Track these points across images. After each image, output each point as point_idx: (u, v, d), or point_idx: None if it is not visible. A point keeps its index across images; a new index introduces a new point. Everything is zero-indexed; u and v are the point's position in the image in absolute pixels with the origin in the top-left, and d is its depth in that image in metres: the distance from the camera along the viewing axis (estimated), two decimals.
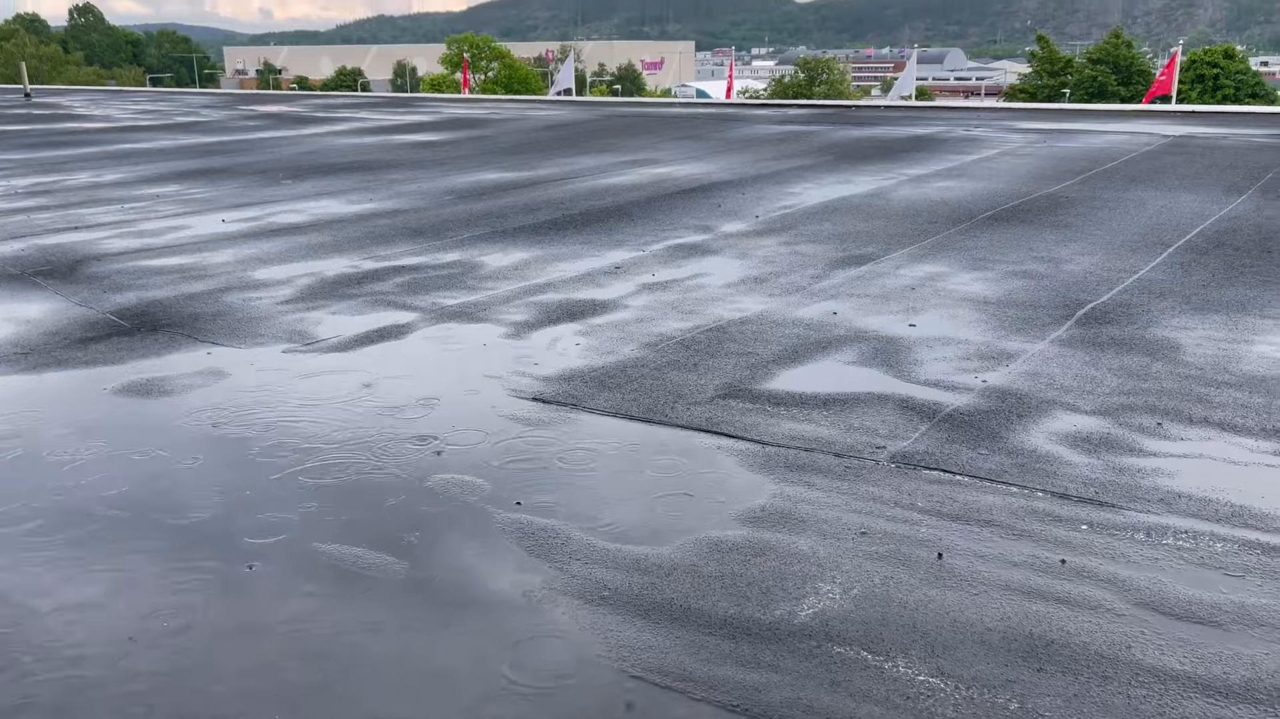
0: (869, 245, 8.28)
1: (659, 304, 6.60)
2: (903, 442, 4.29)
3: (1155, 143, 14.86)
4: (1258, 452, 4.13)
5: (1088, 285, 6.84)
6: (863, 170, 12.71)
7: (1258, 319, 5.97)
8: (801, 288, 6.95)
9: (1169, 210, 9.46)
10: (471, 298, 6.81)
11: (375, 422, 4.61)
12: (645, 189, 11.50)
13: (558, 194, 11.26)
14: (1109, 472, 3.96)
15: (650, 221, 9.52)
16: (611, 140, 17.19)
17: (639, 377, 5.17)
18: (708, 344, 5.70)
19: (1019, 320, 6.07)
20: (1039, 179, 11.59)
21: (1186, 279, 6.94)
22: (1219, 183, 10.97)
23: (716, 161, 13.92)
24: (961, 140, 15.95)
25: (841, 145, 15.66)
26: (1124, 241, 8.19)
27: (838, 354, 5.52)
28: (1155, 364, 5.21)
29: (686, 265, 7.71)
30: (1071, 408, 4.64)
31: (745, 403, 4.78)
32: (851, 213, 9.78)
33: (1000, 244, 8.22)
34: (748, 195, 10.95)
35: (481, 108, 27.06)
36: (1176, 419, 4.48)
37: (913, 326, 6.00)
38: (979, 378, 5.06)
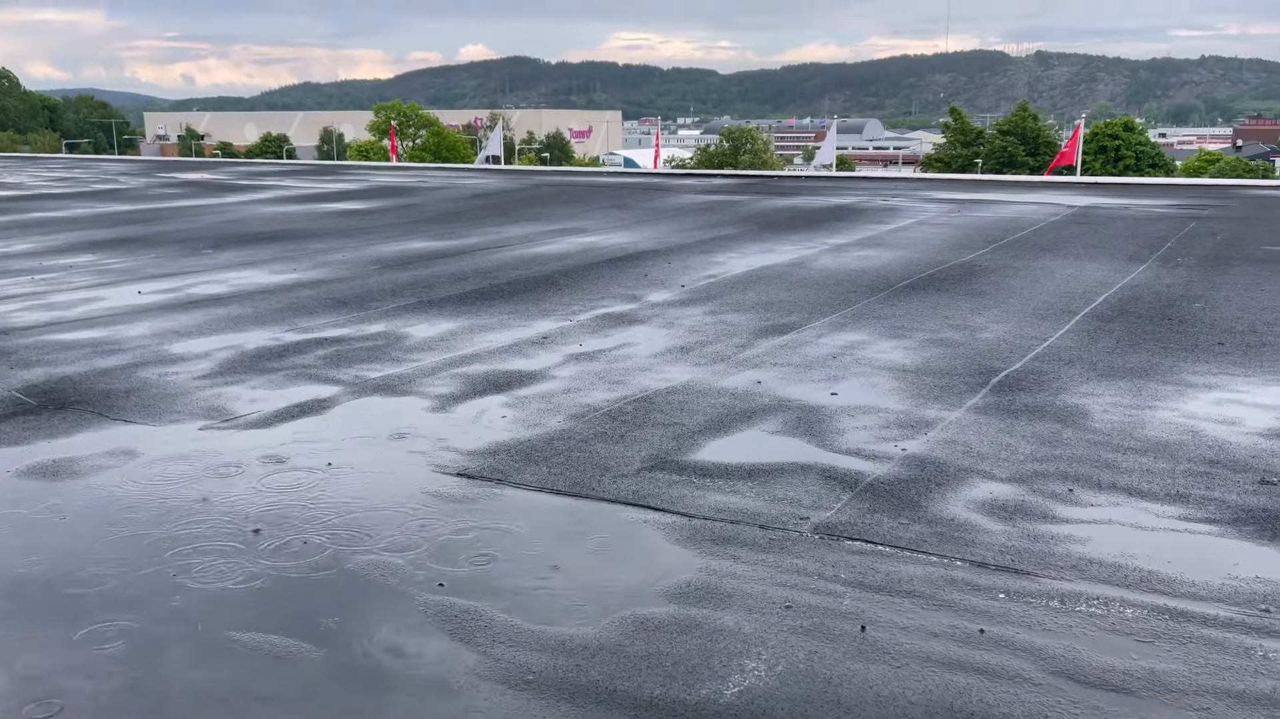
0: (792, 314, 8.45)
1: (586, 374, 6.63)
2: (826, 512, 4.35)
3: (1062, 213, 15.53)
4: (1163, 516, 4.28)
5: (1001, 353, 7.07)
6: (785, 239, 13.01)
7: (1159, 385, 6.23)
8: (727, 357, 7.05)
9: (1075, 279, 9.86)
10: (396, 370, 6.75)
11: (292, 501, 4.51)
12: (573, 258, 11.60)
13: (485, 263, 11.28)
14: (1024, 539, 4.06)
15: (578, 291, 9.58)
16: (540, 209, 17.34)
17: (566, 449, 5.16)
18: (635, 415, 5.73)
19: (936, 388, 6.23)
20: (953, 248, 12.00)
21: (1093, 346, 7.22)
22: (1121, 252, 11.49)
23: (644, 231, 14.12)
24: (880, 210, 16.47)
25: (765, 215, 16.03)
26: (1034, 309, 8.50)
27: (762, 423, 5.59)
28: (1066, 430, 5.39)
29: (614, 335, 7.76)
30: (988, 475, 4.76)
31: (672, 475, 4.80)
32: (775, 282, 9.98)
33: (917, 312, 8.46)
34: (674, 264, 11.12)
35: (409, 176, 27.09)
36: (1087, 485, 4.62)
37: (834, 395, 6.11)
38: (899, 446, 5.17)
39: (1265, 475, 4.69)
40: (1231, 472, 4.76)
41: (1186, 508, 4.36)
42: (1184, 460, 4.91)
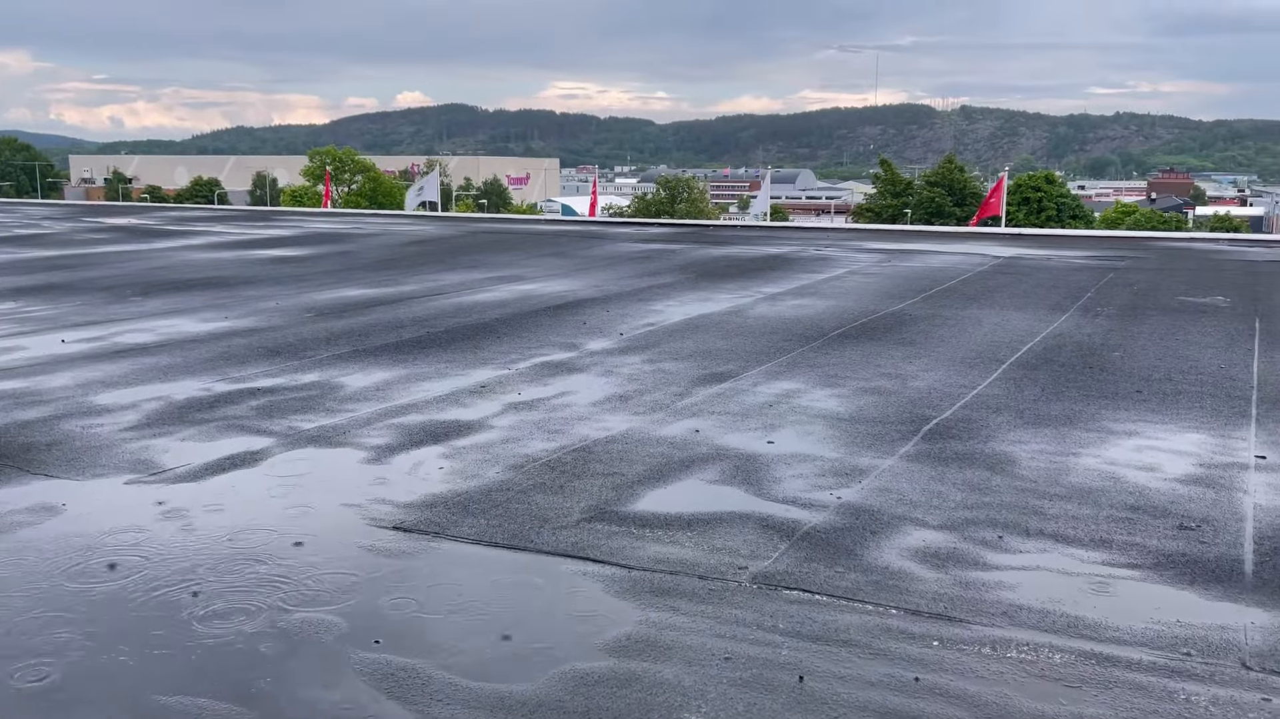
0: (729, 362, 8.55)
1: (525, 424, 6.61)
2: (764, 561, 4.39)
3: (987, 263, 16.02)
4: (1088, 562, 4.41)
5: (932, 401, 7.24)
6: (722, 288, 13.19)
7: (1083, 432, 6.44)
8: (665, 405, 7.10)
9: (1002, 328, 10.16)
10: (330, 421, 6.66)
11: (223, 556, 4.40)
12: (511, 306, 11.61)
13: (422, 311, 11.22)
14: (956, 586, 4.15)
15: (516, 339, 9.58)
16: (477, 256, 17.33)
17: (504, 501, 5.14)
18: (574, 465, 5.73)
19: (870, 436, 6.35)
20: (885, 297, 12.29)
21: (1019, 394, 7.43)
22: (1044, 302, 11.89)
23: (582, 278, 14.20)
24: (813, 259, 16.81)
25: (702, 263, 16.24)
26: (963, 358, 8.73)
27: (701, 473, 5.63)
28: (995, 478, 5.53)
29: (553, 383, 7.77)
30: (920, 523, 4.85)
31: (611, 525, 4.80)
32: (712, 330, 10.10)
33: (851, 361, 8.63)
34: (613, 312, 11.19)
35: (344, 222, 26.88)
36: (1015, 532, 4.74)
37: (771, 443, 6.19)
38: (834, 494, 5.25)
39: (1183, 521, 4.87)
40: (1152, 517, 4.93)
41: (1110, 553, 4.49)
42: (1107, 506, 5.07)
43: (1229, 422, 6.66)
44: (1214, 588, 4.13)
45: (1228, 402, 7.18)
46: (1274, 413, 6.87)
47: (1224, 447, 6.10)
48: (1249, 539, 4.63)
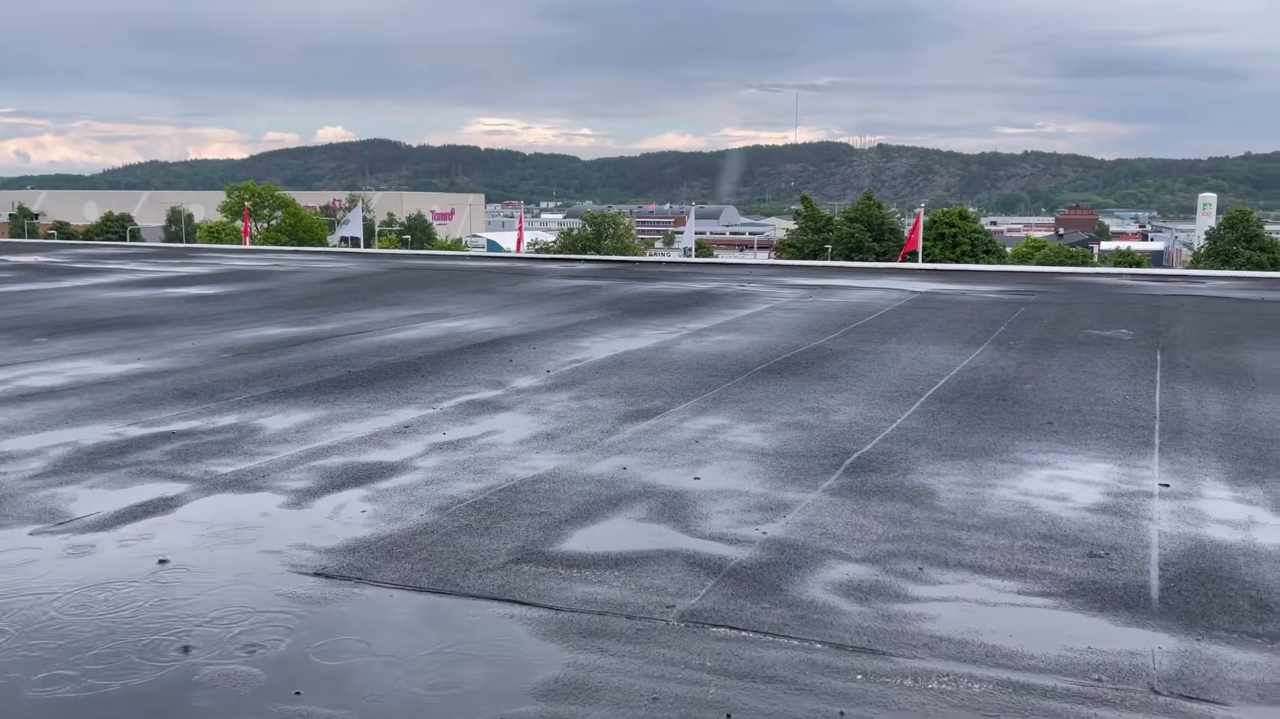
0: (655, 399, 8.60)
1: (450, 464, 6.55)
2: (691, 599, 4.41)
3: (905, 298, 16.44)
4: (1004, 591, 4.53)
5: (853, 434, 7.38)
6: (647, 324, 13.28)
7: (998, 464, 6.63)
8: (592, 443, 7.10)
9: (920, 362, 10.43)
10: (249, 464, 6.50)
11: (136, 608, 4.26)
12: (436, 344, 11.51)
13: (344, 350, 11.06)
14: (879, 619, 4.22)
15: (441, 378, 9.50)
16: (401, 293, 17.16)
17: (429, 544, 5.07)
18: (500, 505, 5.69)
19: (794, 470, 6.44)
20: (807, 332, 12.52)
21: (937, 427, 7.63)
22: (960, 336, 12.24)
23: (508, 315, 14.16)
24: (737, 295, 17.04)
25: (627, 300, 16.34)
26: (883, 392, 8.92)
27: (628, 511, 5.64)
28: (915, 510, 5.66)
29: (478, 423, 7.72)
30: (844, 556, 4.93)
31: (538, 567, 4.78)
32: (638, 366, 10.16)
33: (775, 396, 8.76)
34: (539, 349, 11.17)
35: (264, 259, 26.38)
36: (935, 563, 4.85)
37: (698, 480, 6.23)
38: (760, 530, 5.31)
39: (1093, 549, 5.04)
40: (1063, 546, 5.09)
41: (1025, 582, 4.62)
42: (1021, 536, 5.23)
43: (1134, 451, 6.93)
44: (1123, 614, 4.28)
45: (1132, 432, 7.48)
46: (1176, 442, 7.18)
47: (1130, 476, 6.35)
48: (1155, 566, 4.82)
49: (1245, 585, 4.58)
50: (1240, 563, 4.85)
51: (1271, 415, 8.00)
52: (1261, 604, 4.37)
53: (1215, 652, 3.92)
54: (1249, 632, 4.10)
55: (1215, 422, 7.79)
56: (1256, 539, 5.19)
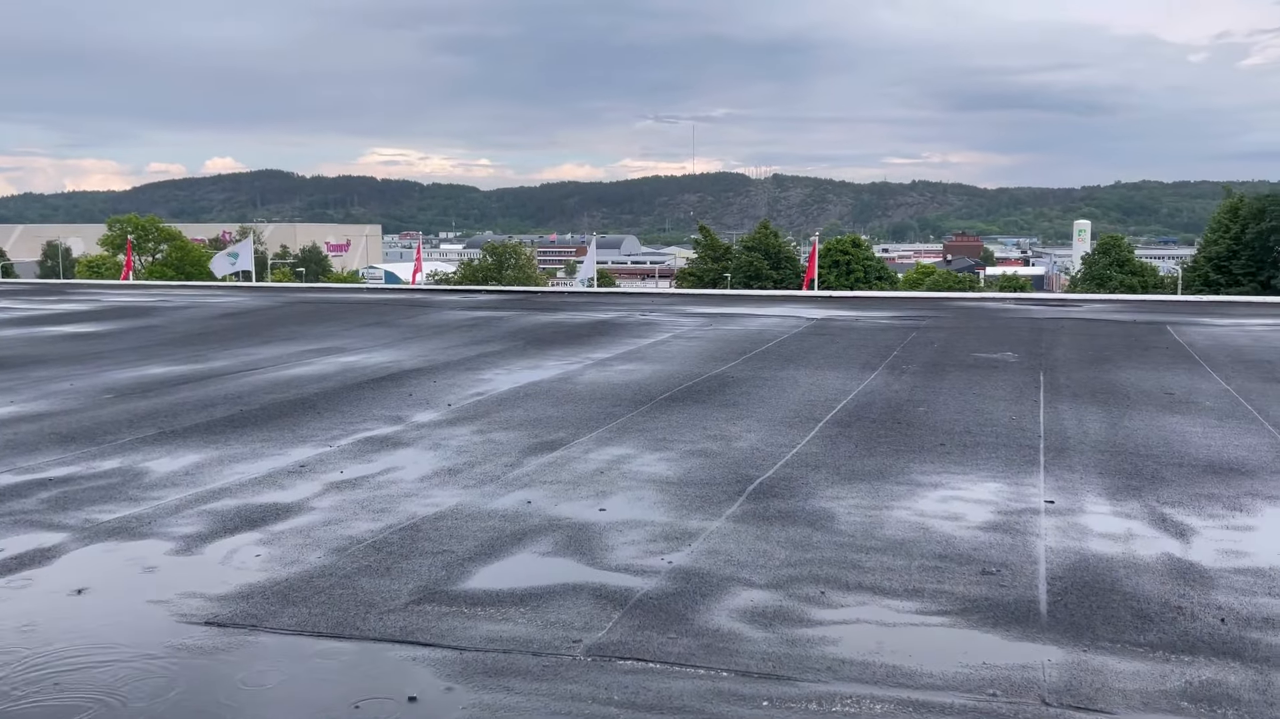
0: (559, 430, 8.57)
1: (348, 504, 6.39)
2: (598, 632, 4.38)
3: (802, 325, 16.81)
4: (903, 611, 4.64)
5: (755, 461, 7.48)
6: (550, 355, 13.25)
7: (894, 485, 6.81)
8: (496, 477, 7.03)
9: (818, 387, 10.66)
10: (134, 510, 6.22)
11: (7, 671, 4.01)
12: (332, 379, 11.24)
13: (236, 388, 10.70)
14: (783, 644, 4.27)
15: (338, 414, 9.28)
16: (295, 328, 16.73)
17: (327, 587, 4.93)
18: (401, 544, 5.57)
19: (698, 498, 6.49)
20: (708, 360, 12.67)
21: (835, 451, 7.80)
22: (855, 361, 12.56)
23: (407, 348, 13.93)
24: (639, 324, 17.15)
25: (530, 330, 16.27)
26: (782, 417, 9.08)
27: (533, 545, 5.59)
28: (816, 534, 5.76)
29: (378, 459, 7.55)
30: (748, 583, 4.98)
31: (442, 606, 4.69)
32: (541, 398, 10.11)
33: (678, 424, 8.82)
34: (440, 383, 11.02)
35: (148, 294, 25.41)
36: (836, 586, 4.94)
37: (603, 511, 6.22)
38: (665, 559, 5.32)
39: (985, 567, 5.21)
40: (957, 564, 5.25)
41: (922, 602, 4.75)
42: (918, 556, 5.37)
43: (1021, 470, 7.21)
44: (1014, 629, 4.43)
45: (1019, 451, 7.78)
46: (1059, 460, 7.49)
47: (1018, 494, 6.59)
48: (1042, 580, 5.01)
49: (1126, 596, 4.79)
50: (1121, 575, 5.08)
51: (1145, 432, 8.43)
52: (1142, 614, 4.58)
53: (1101, 662, 4.09)
54: (1131, 641, 4.29)
55: (1094, 439, 8.17)
56: (1135, 551, 5.45)
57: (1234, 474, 7.05)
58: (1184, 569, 5.16)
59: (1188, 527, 5.87)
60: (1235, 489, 6.67)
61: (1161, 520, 5.99)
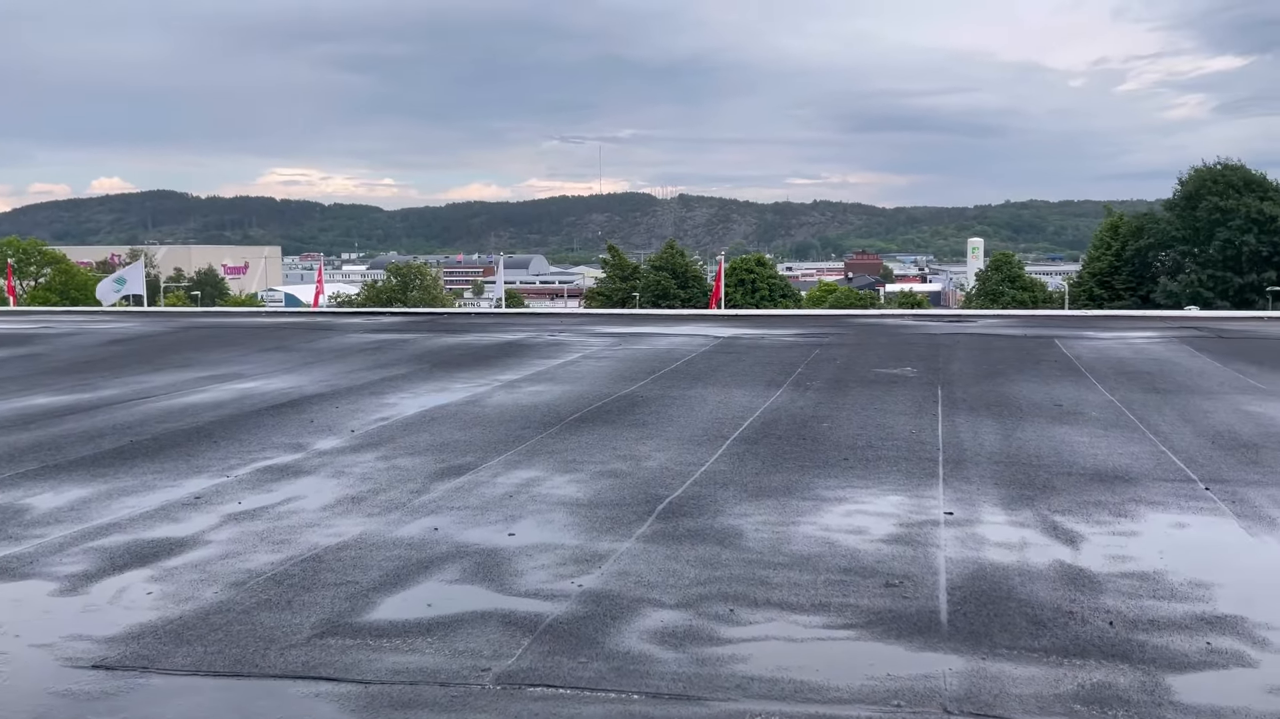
0: (467, 454, 8.46)
1: (247, 536, 6.18)
2: (507, 660, 4.33)
3: (709, 343, 16.99)
4: (810, 626, 4.71)
5: (664, 480, 7.51)
6: (458, 378, 13.09)
7: (800, 501, 6.92)
8: (401, 504, 6.89)
9: (725, 405, 10.78)
10: (15, 550, 5.90)
11: None
12: (229, 407, 10.89)
13: (126, 418, 10.27)
14: (693, 664, 4.29)
15: (235, 443, 8.98)
16: (190, 354, 16.16)
17: (224, 623, 4.75)
18: (302, 577, 5.41)
19: (608, 520, 6.48)
20: (617, 380, 12.69)
21: (743, 468, 7.89)
22: (761, 378, 12.75)
23: (308, 374, 13.59)
24: (548, 345, 17.09)
25: (436, 353, 16.06)
26: (691, 436, 9.15)
27: (441, 573, 5.50)
28: (724, 552, 5.81)
29: (277, 489, 7.34)
30: (658, 604, 4.99)
31: (346, 639, 4.57)
32: (449, 421, 9.97)
33: (588, 445, 8.81)
34: (343, 408, 10.78)
35: (30, 321, 24.23)
36: (745, 603, 4.99)
37: (512, 536, 6.16)
38: (575, 583, 5.29)
39: (889, 579, 5.33)
40: (862, 577, 5.35)
41: (828, 616, 4.83)
42: (824, 571, 5.46)
43: (921, 482, 7.41)
44: (916, 640, 4.53)
45: (919, 464, 7.99)
46: (958, 472, 7.73)
47: (919, 506, 6.77)
48: (943, 591, 5.14)
49: (1022, 604, 4.96)
50: (1016, 582, 5.26)
51: (1036, 443, 8.76)
52: (1036, 620, 4.74)
53: (998, 669, 4.22)
54: (1026, 647, 4.44)
55: (990, 451, 8.45)
56: (1029, 559, 5.65)
57: (1119, 482, 7.38)
58: (1074, 575, 5.37)
59: (1077, 534, 6.12)
60: (1120, 496, 6.98)
61: (1053, 528, 6.23)
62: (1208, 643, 4.46)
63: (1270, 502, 6.80)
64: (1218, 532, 6.24)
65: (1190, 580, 5.27)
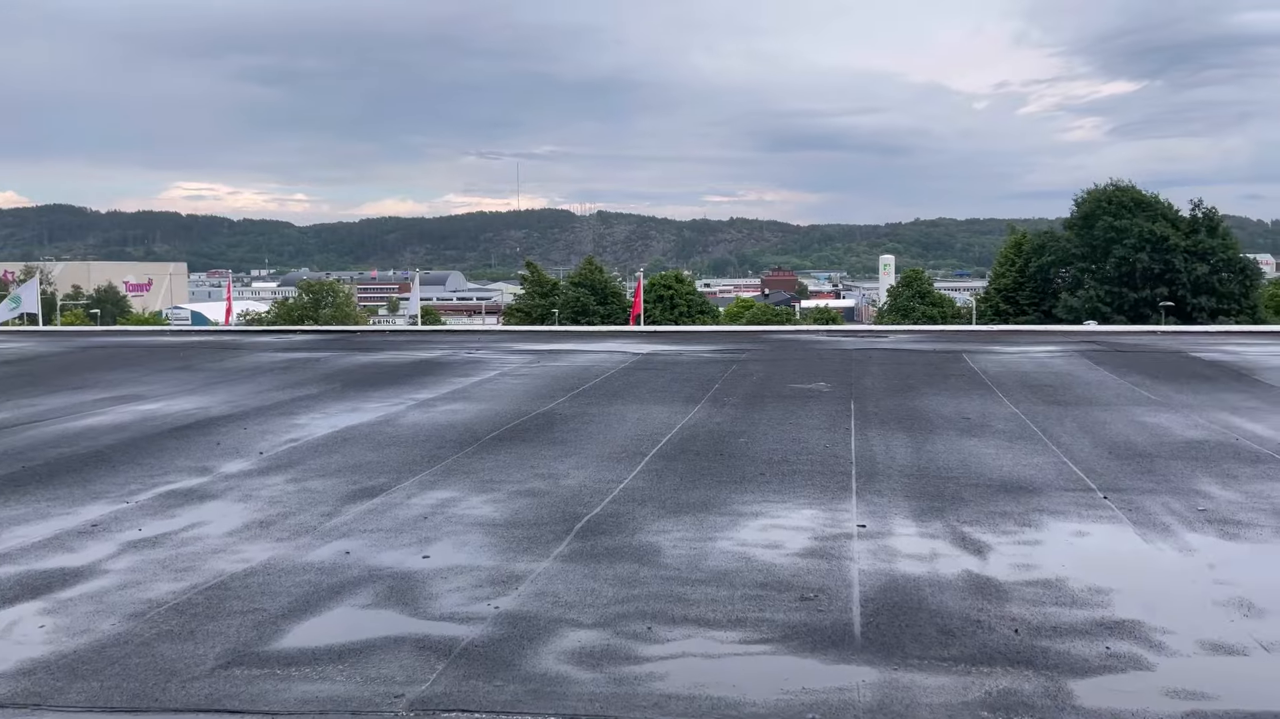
0: (381, 475, 8.30)
1: (148, 564, 5.95)
2: (421, 685, 4.24)
3: (628, 360, 17.03)
4: (727, 642, 4.73)
5: (583, 498, 7.48)
6: (371, 397, 12.85)
7: (718, 517, 6.96)
8: (312, 528, 6.72)
9: (644, 422, 10.80)
10: None
11: None
12: (130, 429, 10.49)
13: (16, 442, 9.81)
14: (610, 683, 4.26)
15: (136, 467, 8.65)
16: (88, 375, 15.52)
17: (122, 657, 4.56)
18: (207, 605, 5.23)
19: (526, 540, 6.42)
20: (536, 398, 12.62)
21: (661, 485, 7.91)
22: (680, 395, 12.82)
23: (215, 394, 13.19)
24: (465, 363, 16.91)
25: (349, 372, 15.74)
26: (610, 453, 9.14)
27: (352, 598, 5.37)
28: (643, 569, 5.80)
29: (181, 514, 7.08)
30: (575, 623, 4.96)
31: (252, 669, 4.42)
32: (362, 442, 9.78)
33: (505, 464, 8.72)
34: (251, 430, 10.48)
35: None
36: (663, 621, 4.99)
37: (427, 558, 6.06)
38: (492, 605, 5.23)
39: (804, 592, 5.39)
40: (778, 592, 5.41)
41: (745, 631, 4.86)
42: (741, 586, 5.50)
43: (835, 496, 7.53)
44: (831, 653, 4.59)
45: (833, 478, 8.13)
46: (870, 485, 7.88)
47: (833, 519, 6.88)
48: (856, 603, 5.23)
49: (932, 614, 5.07)
50: (927, 593, 5.38)
51: (946, 455, 8.99)
52: (945, 630, 4.85)
53: (910, 679, 4.30)
54: (936, 657, 4.54)
55: (901, 463, 8.64)
56: (939, 570, 5.78)
57: (1023, 492, 7.62)
58: (982, 584, 5.52)
59: (984, 544, 6.29)
60: (1025, 506, 7.21)
61: (962, 539, 6.39)
62: (1107, 647, 4.62)
63: (1164, 509, 7.09)
64: (1115, 539, 6.48)
65: (1090, 587, 5.46)
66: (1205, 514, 6.94)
